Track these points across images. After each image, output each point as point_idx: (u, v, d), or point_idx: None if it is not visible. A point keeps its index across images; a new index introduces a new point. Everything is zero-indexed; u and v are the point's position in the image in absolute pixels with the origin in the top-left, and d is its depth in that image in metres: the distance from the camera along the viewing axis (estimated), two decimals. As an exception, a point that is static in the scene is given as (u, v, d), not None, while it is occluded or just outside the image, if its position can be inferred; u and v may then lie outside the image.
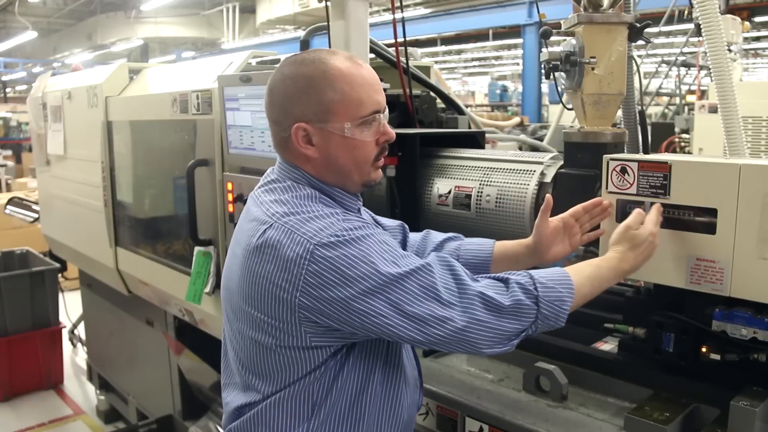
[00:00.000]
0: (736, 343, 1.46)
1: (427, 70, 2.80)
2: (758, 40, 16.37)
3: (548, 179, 1.88)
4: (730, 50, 4.66)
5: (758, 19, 12.66)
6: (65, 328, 5.08)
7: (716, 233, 1.43)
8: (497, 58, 22.07)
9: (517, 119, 7.11)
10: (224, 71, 2.52)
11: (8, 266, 4.99)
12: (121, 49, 20.17)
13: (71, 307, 5.14)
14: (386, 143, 1.38)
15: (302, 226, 1.24)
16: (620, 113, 2.08)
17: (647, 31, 1.83)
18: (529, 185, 1.89)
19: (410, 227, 1.72)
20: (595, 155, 1.75)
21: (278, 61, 2.67)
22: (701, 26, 1.86)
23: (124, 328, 3.82)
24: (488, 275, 1.34)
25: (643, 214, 1.48)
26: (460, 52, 20.99)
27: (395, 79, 2.35)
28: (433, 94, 2.50)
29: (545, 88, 13.06)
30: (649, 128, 2.22)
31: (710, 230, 1.44)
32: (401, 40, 2.31)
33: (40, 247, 5.17)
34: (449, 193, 2.07)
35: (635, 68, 2.05)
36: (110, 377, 4.21)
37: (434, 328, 1.23)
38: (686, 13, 6.24)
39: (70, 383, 4.99)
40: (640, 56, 6.48)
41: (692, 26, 5.99)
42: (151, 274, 3.02)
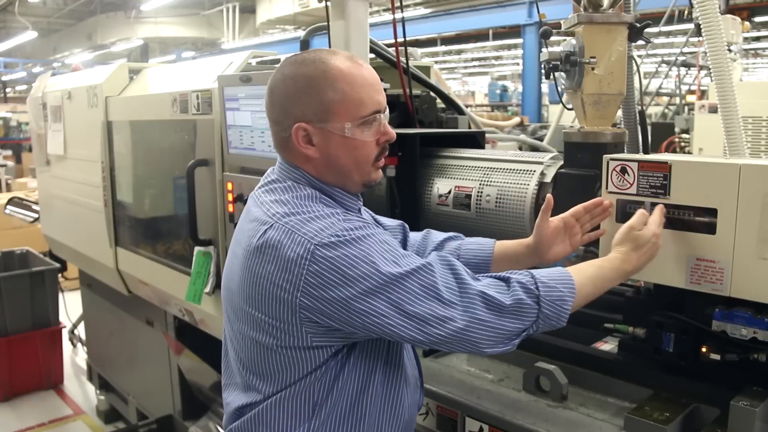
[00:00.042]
0: (736, 343, 1.46)
1: (427, 70, 2.80)
2: (758, 40, 16.37)
3: (548, 179, 1.88)
4: (730, 50, 4.66)
5: (758, 19, 12.66)
6: (65, 328, 5.08)
7: (716, 233, 1.43)
8: (497, 58, 22.07)
9: (517, 119, 7.10)
10: (224, 71, 2.52)
11: (8, 266, 4.99)
12: (121, 49, 20.17)
13: (71, 307, 5.14)
14: (387, 143, 1.38)
15: (303, 226, 1.24)
16: (620, 113, 2.08)
17: (647, 31, 1.83)
18: (529, 185, 1.89)
19: (410, 227, 1.72)
20: (595, 155, 1.75)
21: (278, 61, 2.67)
22: (701, 26, 1.87)
23: (124, 328, 3.82)
24: (489, 274, 1.34)
25: (646, 215, 1.48)
26: (460, 52, 20.99)
27: (395, 79, 2.35)
28: (433, 94, 2.50)
29: (545, 88, 13.06)
30: (649, 128, 2.22)
31: (710, 230, 1.44)
32: (401, 40, 2.32)
33: (40, 247, 5.17)
34: (449, 193, 2.07)
35: (635, 68, 2.05)
36: (110, 377, 4.21)
37: (435, 327, 1.23)
38: (686, 13, 6.24)
39: (70, 383, 4.99)
40: (640, 56, 6.48)
41: (692, 26, 5.99)
42: (151, 274, 3.02)
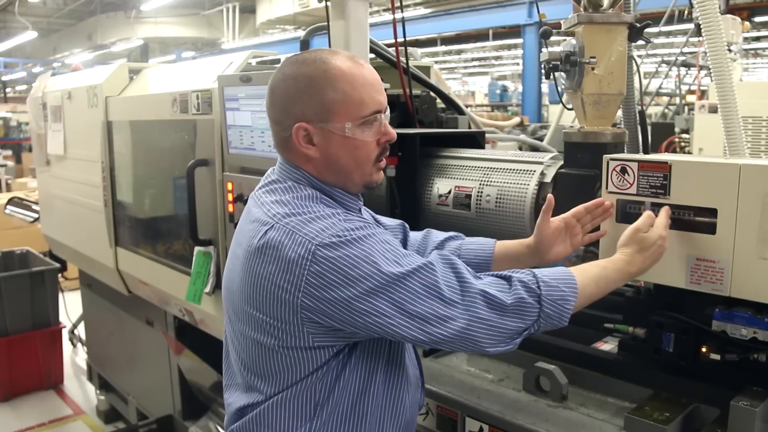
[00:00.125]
0: (736, 343, 1.46)
1: (427, 70, 2.80)
2: (758, 40, 16.38)
3: (548, 179, 1.88)
4: (730, 50, 4.66)
5: (758, 19, 12.66)
6: (65, 328, 5.08)
7: (716, 233, 1.43)
8: (497, 58, 22.07)
9: (517, 119, 7.10)
10: (224, 71, 2.52)
11: (8, 266, 4.99)
12: (121, 49, 20.17)
13: (71, 307, 5.14)
14: (387, 143, 1.38)
15: (304, 226, 1.24)
16: (620, 113, 2.08)
17: (647, 31, 1.83)
18: (529, 185, 1.89)
19: (410, 227, 1.72)
20: (595, 155, 1.75)
21: (278, 61, 2.67)
22: (701, 26, 1.87)
23: (124, 328, 3.82)
24: (491, 273, 1.33)
25: (652, 216, 1.47)
26: (460, 52, 20.99)
27: (395, 79, 2.35)
28: (433, 94, 2.50)
29: (545, 88, 13.06)
30: (649, 128, 2.22)
31: (710, 230, 1.44)
32: (401, 40, 2.32)
33: (40, 247, 5.17)
34: (449, 193, 2.07)
35: (635, 68, 2.05)
36: (110, 377, 4.21)
37: (436, 327, 1.22)
38: (686, 13, 6.25)
39: (70, 383, 4.99)
40: (640, 56, 6.48)
41: (692, 26, 5.99)
42: (151, 274, 3.02)
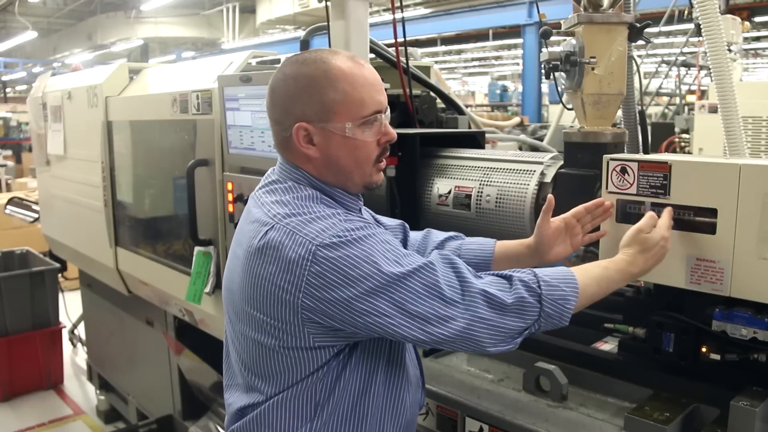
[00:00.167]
0: (736, 343, 1.46)
1: (427, 70, 2.80)
2: (758, 40, 16.38)
3: (548, 179, 1.88)
4: (730, 50, 4.66)
5: (758, 19, 12.66)
6: (65, 328, 5.08)
7: (716, 233, 1.43)
8: (497, 58, 22.07)
9: (517, 119, 7.09)
10: (224, 71, 2.52)
11: (8, 266, 4.99)
12: (121, 49, 20.17)
13: (71, 307, 5.14)
14: (387, 143, 1.37)
15: (304, 227, 1.24)
16: (620, 113, 2.08)
17: (647, 31, 1.83)
18: (529, 185, 1.89)
19: (410, 227, 1.72)
20: (595, 155, 1.75)
21: (278, 61, 2.67)
22: (701, 26, 1.87)
23: (124, 328, 3.82)
24: (491, 272, 1.33)
25: (655, 217, 1.47)
26: (460, 52, 20.98)
27: (395, 79, 2.35)
28: (433, 94, 2.50)
29: (545, 88, 13.06)
30: (649, 128, 2.23)
31: (710, 230, 1.44)
32: (401, 40, 2.32)
33: (40, 247, 5.17)
34: (449, 193, 2.07)
35: (635, 68, 2.05)
36: (110, 377, 4.21)
37: (437, 326, 1.22)
38: (686, 13, 6.24)
39: (70, 383, 4.99)
40: (640, 56, 6.48)
41: (692, 26, 5.99)
42: (151, 274, 3.02)
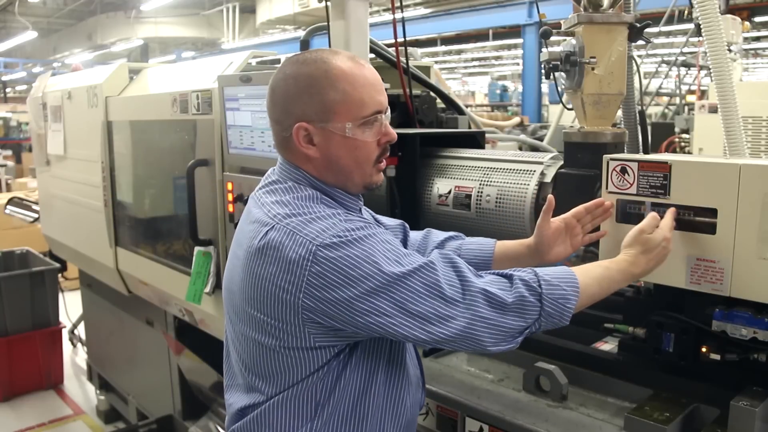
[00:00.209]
0: (736, 343, 1.46)
1: (427, 70, 2.80)
2: (758, 40, 16.38)
3: (548, 179, 1.88)
4: (730, 50, 4.66)
5: (758, 19, 12.67)
6: (65, 328, 5.08)
7: (716, 233, 1.43)
8: (497, 58, 22.07)
9: (517, 119, 7.09)
10: (224, 71, 2.52)
11: (8, 266, 4.99)
12: (121, 49, 20.17)
13: (71, 307, 5.14)
14: (388, 144, 1.37)
15: (304, 227, 1.24)
16: (620, 113, 2.08)
17: (647, 31, 1.83)
18: (529, 185, 1.89)
19: (410, 227, 1.72)
20: (595, 155, 1.75)
21: (278, 61, 2.67)
22: (701, 26, 1.87)
23: (124, 328, 3.82)
24: (492, 271, 1.33)
25: (657, 218, 1.47)
26: (460, 52, 20.98)
27: (395, 79, 2.35)
28: (433, 94, 2.50)
29: (545, 88, 13.06)
30: (649, 128, 2.23)
31: (710, 230, 1.44)
32: (401, 40, 2.32)
33: (40, 247, 5.17)
34: (449, 193, 2.07)
35: (635, 68, 2.05)
36: (110, 377, 4.21)
37: (438, 326, 1.22)
38: (686, 13, 6.25)
39: (70, 383, 4.99)
40: (640, 56, 6.48)
41: (692, 26, 5.99)
42: (151, 274, 3.02)
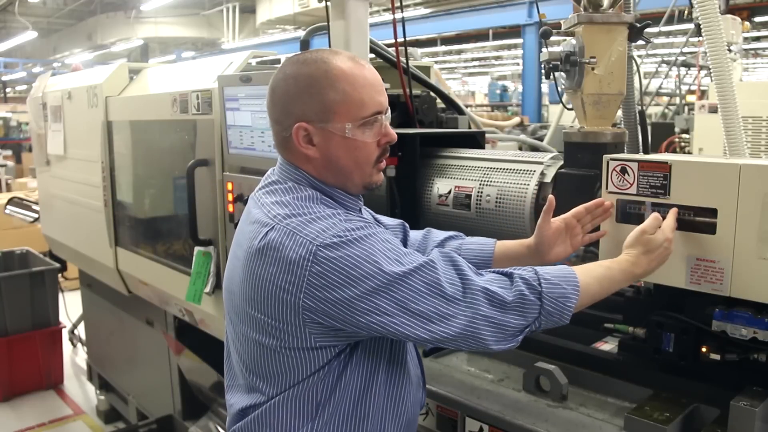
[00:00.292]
0: (736, 343, 1.46)
1: (427, 70, 2.80)
2: (758, 40, 16.37)
3: (548, 179, 1.88)
4: (730, 50, 4.66)
5: (758, 19, 12.66)
6: (65, 328, 5.08)
7: (716, 233, 1.43)
8: (497, 58, 22.07)
9: (517, 119, 7.09)
10: (224, 71, 2.52)
11: (8, 266, 4.99)
12: (121, 49, 20.17)
13: (71, 307, 5.14)
14: (387, 144, 1.37)
15: (304, 227, 1.23)
16: (620, 113, 2.08)
17: (647, 31, 1.84)
18: (529, 185, 1.89)
19: (410, 227, 1.72)
20: (595, 155, 1.75)
21: (278, 61, 2.67)
22: (701, 26, 1.87)
23: (124, 328, 3.82)
24: (492, 270, 1.33)
25: (659, 218, 1.47)
26: (460, 52, 20.98)
27: (395, 79, 2.35)
28: (433, 94, 2.50)
29: (545, 88, 13.06)
30: (649, 128, 2.23)
31: (710, 230, 1.44)
32: (401, 40, 2.32)
33: (40, 247, 5.17)
34: (449, 193, 2.07)
35: (635, 68, 2.05)
36: (110, 377, 4.21)
37: (439, 325, 1.22)
38: (686, 13, 6.25)
39: (70, 383, 4.99)
40: (640, 56, 6.48)
41: (692, 26, 5.99)
42: (151, 274, 3.02)
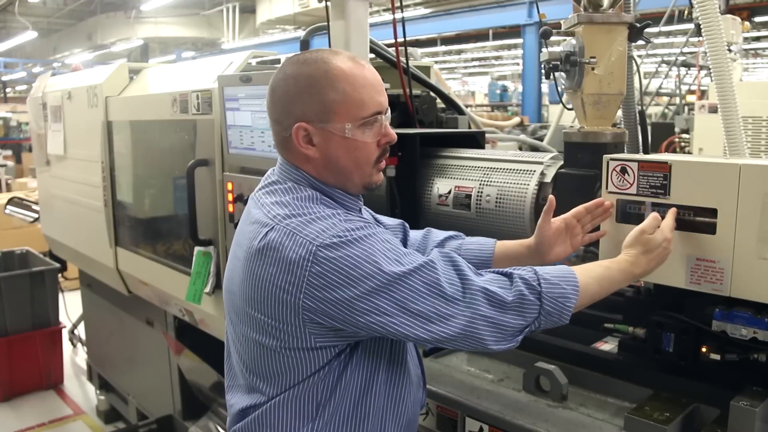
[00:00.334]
0: (736, 343, 1.46)
1: (427, 70, 2.80)
2: (758, 40, 16.38)
3: (548, 179, 1.88)
4: (730, 50, 4.66)
5: (758, 19, 12.67)
6: (65, 328, 5.08)
7: (716, 233, 1.43)
8: (497, 58, 22.07)
9: (517, 119, 7.09)
10: (224, 71, 2.52)
11: (8, 266, 4.99)
12: (121, 49, 20.17)
13: (71, 307, 5.14)
14: (387, 144, 1.37)
15: (304, 227, 1.23)
16: (620, 113, 2.08)
17: (647, 31, 1.84)
18: (529, 185, 1.89)
19: (410, 227, 1.71)
20: (595, 155, 1.75)
21: (278, 61, 2.67)
22: (701, 26, 1.87)
23: (124, 328, 3.82)
24: (492, 270, 1.33)
25: (658, 218, 1.47)
26: (460, 52, 20.98)
27: (395, 79, 2.35)
28: (433, 94, 2.50)
29: (545, 88, 13.06)
30: (649, 128, 2.23)
31: (710, 230, 1.44)
32: (401, 40, 2.32)
33: (40, 247, 5.17)
34: (449, 193, 2.07)
35: (635, 68, 2.05)
36: (110, 377, 4.21)
37: (439, 325, 1.22)
38: (686, 13, 6.25)
39: (70, 383, 4.99)
40: (640, 56, 6.48)
41: (692, 26, 5.99)
42: (151, 274, 3.02)
